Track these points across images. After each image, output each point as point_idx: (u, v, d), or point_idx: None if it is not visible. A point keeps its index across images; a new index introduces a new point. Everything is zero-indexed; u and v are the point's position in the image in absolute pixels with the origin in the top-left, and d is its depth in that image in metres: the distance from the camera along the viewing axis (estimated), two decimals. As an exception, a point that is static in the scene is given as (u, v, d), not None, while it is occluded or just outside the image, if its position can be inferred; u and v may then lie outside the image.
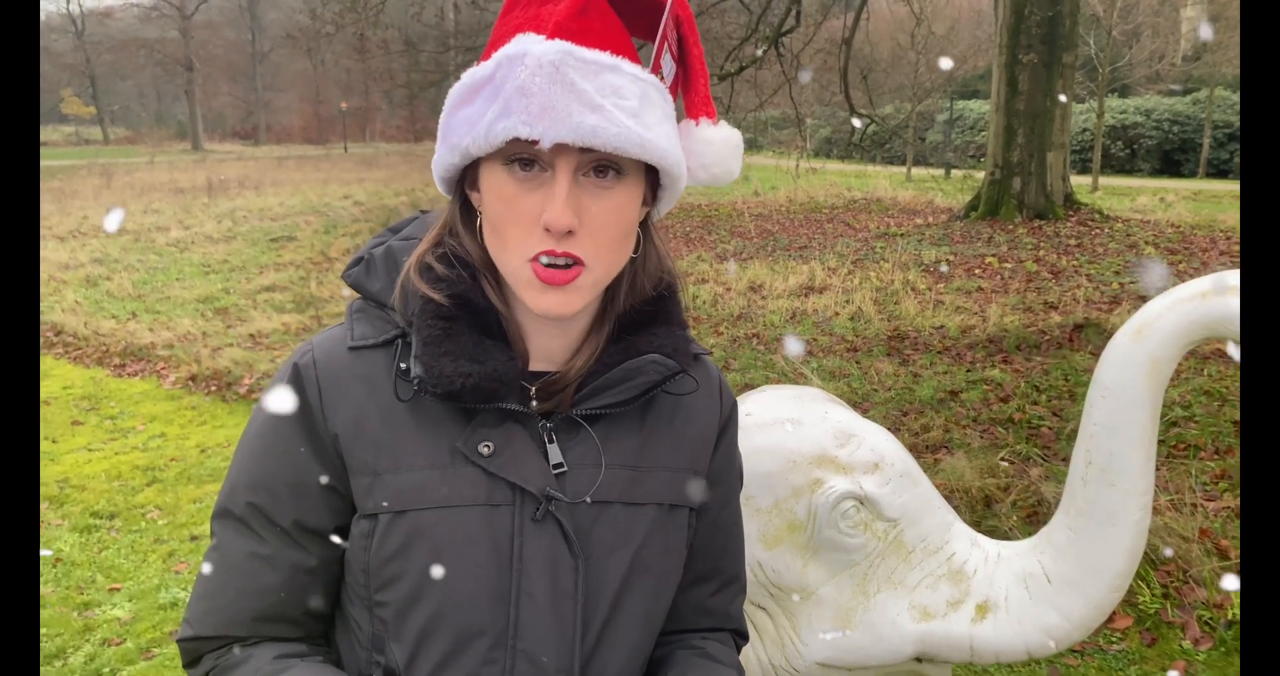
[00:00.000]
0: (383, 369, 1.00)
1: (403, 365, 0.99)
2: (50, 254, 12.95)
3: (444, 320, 0.97)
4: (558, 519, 0.99)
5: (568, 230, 0.92)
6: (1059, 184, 12.79)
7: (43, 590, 4.02)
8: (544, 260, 0.94)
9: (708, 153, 1.04)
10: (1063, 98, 12.35)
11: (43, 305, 9.77)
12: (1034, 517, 4.06)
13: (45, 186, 22.47)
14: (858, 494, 1.45)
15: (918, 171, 23.11)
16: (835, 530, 1.45)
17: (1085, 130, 22.39)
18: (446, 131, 0.98)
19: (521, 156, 0.93)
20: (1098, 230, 11.86)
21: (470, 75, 0.96)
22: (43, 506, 4.90)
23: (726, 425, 1.17)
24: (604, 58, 0.92)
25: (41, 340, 8.58)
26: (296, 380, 1.01)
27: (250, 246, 13.60)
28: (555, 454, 1.01)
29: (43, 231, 15.35)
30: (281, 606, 1.02)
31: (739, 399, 1.59)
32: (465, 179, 1.02)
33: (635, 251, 1.04)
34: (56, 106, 50.75)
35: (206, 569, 1.03)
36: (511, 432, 1.00)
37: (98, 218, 16.92)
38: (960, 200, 15.60)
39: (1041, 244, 11.02)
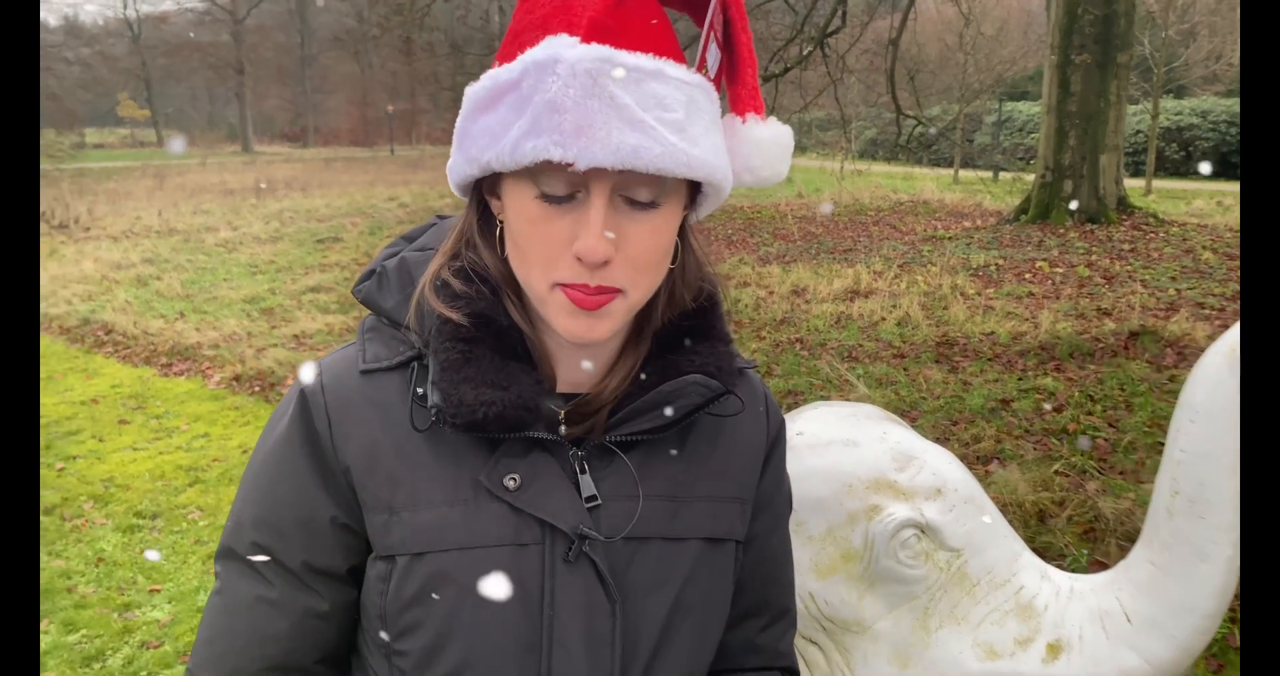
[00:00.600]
0: (397, 394, 0.92)
1: (419, 390, 0.91)
2: (104, 253, 13.18)
3: (463, 342, 0.89)
4: (592, 558, 0.90)
5: (604, 262, 0.83)
6: (1112, 187, 12.47)
7: (85, 590, 4.03)
8: (579, 292, 0.86)
9: (755, 154, 0.93)
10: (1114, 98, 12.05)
11: (95, 304, 9.93)
12: (1091, 534, 3.91)
13: (100, 187, 22.95)
14: (919, 521, 1.36)
15: (965, 174, 22.73)
16: (894, 560, 1.35)
17: (1138, 132, 21.88)
18: (464, 138, 0.88)
19: (550, 187, 0.83)
20: (1152, 234, 11.55)
21: (492, 78, 0.86)
22: (88, 505, 4.94)
23: (774, 445, 1.08)
24: (646, 62, 0.82)
25: (92, 339, 8.70)
26: (304, 408, 0.93)
27: (297, 247, 13.73)
28: (588, 485, 0.92)
29: (96, 232, 15.65)
30: (291, 654, 0.94)
31: (789, 416, 1.50)
32: (484, 183, 0.93)
33: (673, 261, 0.95)
34: (113, 109, 51.86)
35: (211, 612, 0.96)
36: (539, 463, 0.91)
37: (150, 218, 17.22)
38: (1009, 203, 15.30)
39: (1094, 248, 10.74)
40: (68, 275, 11.59)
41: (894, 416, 1.54)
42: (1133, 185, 16.11)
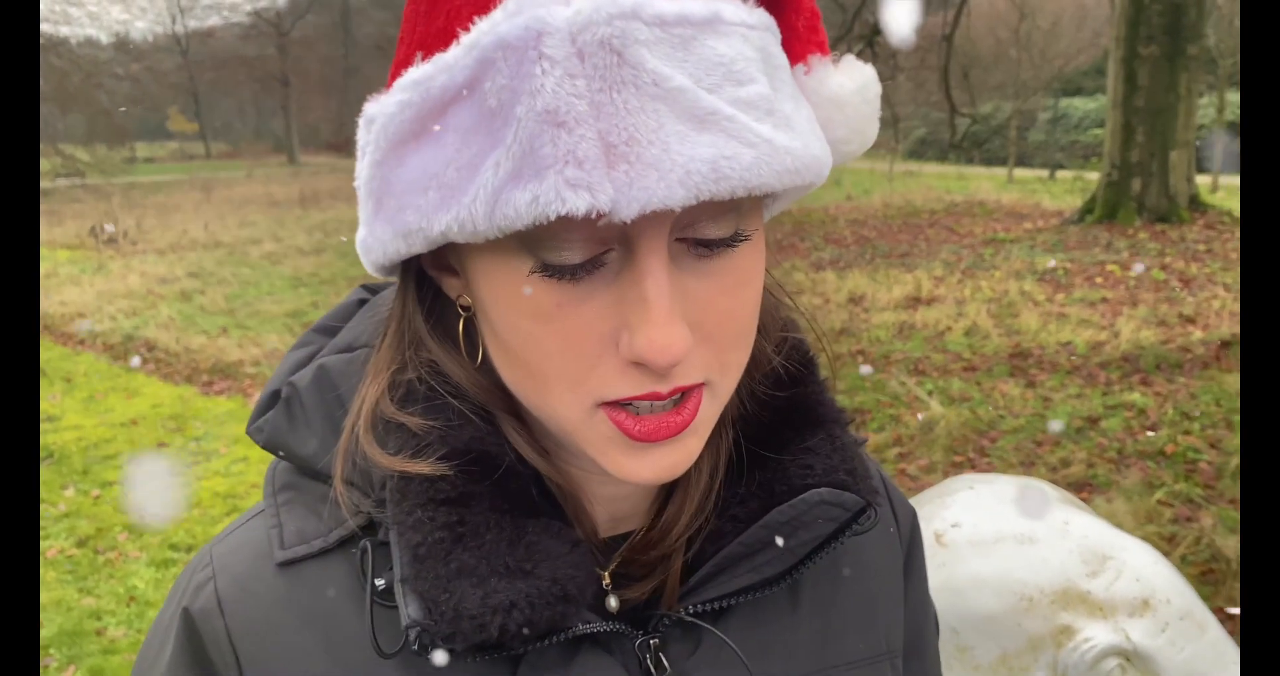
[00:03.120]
0: (342, 594, 0.58)
1: (379, 582, 0.56)
2: (150, 268, 13.17)
3: (446, 506, 0.54)
4: None
5: (682, 359, 0.49)
6: (1183, 185, 11.91)
7: (115, 633, 3.80)
8: (638, 407, 0.52)
9: (836, 118, 0.56)
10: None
11: (138, 320, 9.85)
12: (1210, 577, 3.50)
13: (149, 201, 23.17)
14: (1123, 648, 1.02)
15: (1020, 172, 22.07)
16: (1094, 701, 1.02)
17: (1202, 126, 21.09)
18: (384, 195, 0.52)
19: (560, 253, 0.49)
20: (1229, 234, 10.98)
21: (416, 86, 0.49)
22: (122, 537, 4.73)
23: (911, 553, 0.75)
24: (693, 7, 0.47)
25: (136, 357, 8.59)
26: (191, 641, 0.59)
27: (340, 258, 13.61)
28: None
29: (144, 246, 15.70)
30: None
31: (937, 500, 1.16)
32: (423, 256, 0.57)
33: None
34: (163, 123, 52.76)
35: None
36: (591, 671, 0.57)
37: (197, 231, 17.27)
38: (1069, 202, 14.77)
39: (1167, 250, 10.23)
40: (114, 290, 11.56)
41: (1069, 494, 1.20)
42: (1199, 182, 15.48)
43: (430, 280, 0.59)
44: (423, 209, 0.49)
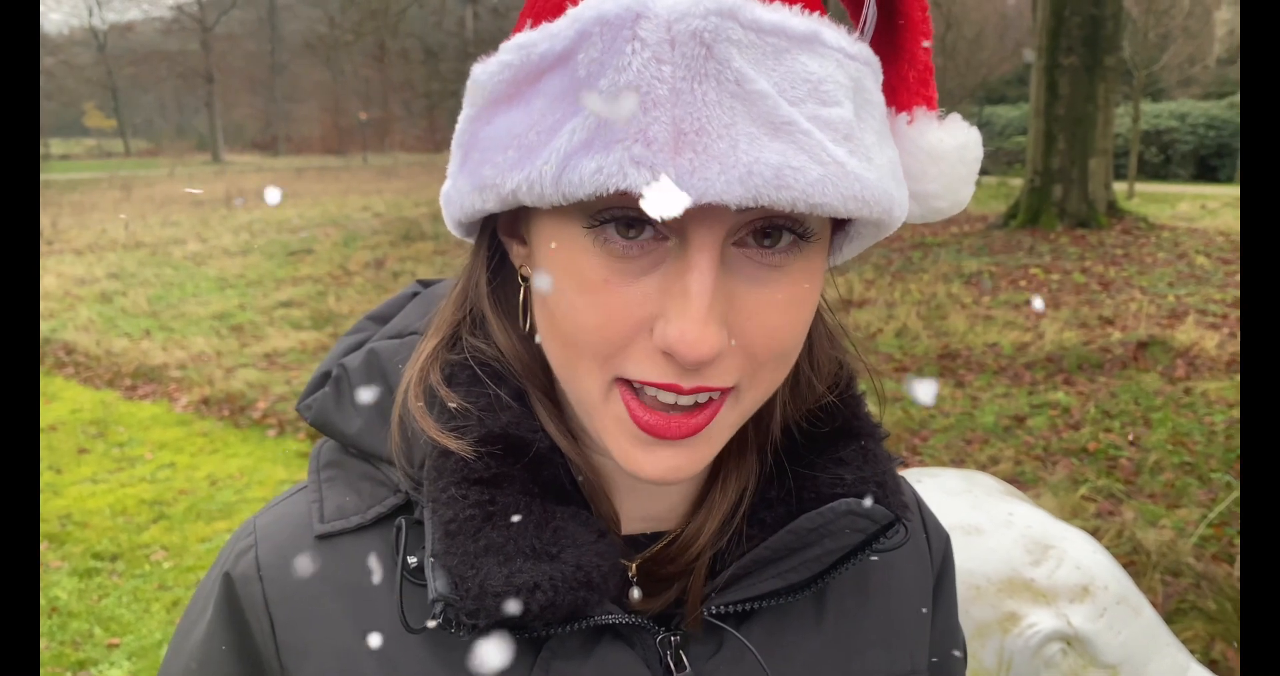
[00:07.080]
0: (376, 570, 0.60)
1: (411, 560, 0.58)
2: (66, 268, 12.73)
3: (478, 486, 0.56)
4: None
5: (710, 359, 0.50)
6: (1101, 191, 12.33)
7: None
8: (660, 398, 0.53)
9: (930, 172, 0.59)
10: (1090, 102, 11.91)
11: (55, 322, 9.50)
12: (1131, 568, 3.64)
13: (65, 199, 22.39)
14: (1065, 633, 1.06)
15: (945, 178, 22.55)
16: (1038, 685, 1.05)
17: (1118, 135, 21.87)
18: (470, 149, 0.55)
19: (623, 215, 0.50)
20: (1144, 239, 11.41)
21: (520, 49, 0.52)
22: (42, 546, 4.56)
23: (941, 579, 0.77)
24: (794, 21, 0.49)
25: (52, 360, 8.29)
26: (230, 605, 0.61)
27: (267, 259, 13.33)
28: None
29: (60, 246, 15.16)
30: None
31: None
32: (500, 217, 0.60)
33: None
34: (79, 119, 50.97)
35: None
36: (611, 663, 0.59)
37: (116, 231, 16.74)
38: (993, 207, 15.16)
39: (1087, 254, 10.58)
40: (28, 291, 11.13)
41: (1011, 487, 1.25)
42: (1116, 189, 16.06)
43: (500, 246, 0.61)
44: (500, 166, 0.51)
